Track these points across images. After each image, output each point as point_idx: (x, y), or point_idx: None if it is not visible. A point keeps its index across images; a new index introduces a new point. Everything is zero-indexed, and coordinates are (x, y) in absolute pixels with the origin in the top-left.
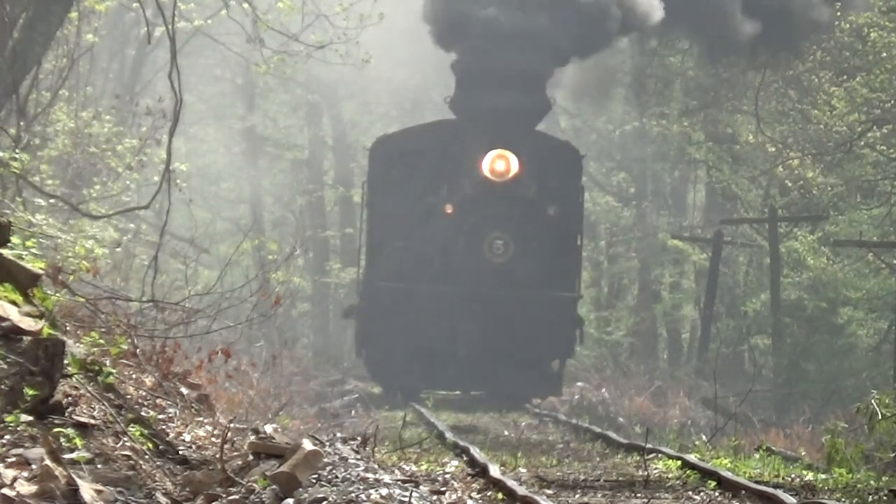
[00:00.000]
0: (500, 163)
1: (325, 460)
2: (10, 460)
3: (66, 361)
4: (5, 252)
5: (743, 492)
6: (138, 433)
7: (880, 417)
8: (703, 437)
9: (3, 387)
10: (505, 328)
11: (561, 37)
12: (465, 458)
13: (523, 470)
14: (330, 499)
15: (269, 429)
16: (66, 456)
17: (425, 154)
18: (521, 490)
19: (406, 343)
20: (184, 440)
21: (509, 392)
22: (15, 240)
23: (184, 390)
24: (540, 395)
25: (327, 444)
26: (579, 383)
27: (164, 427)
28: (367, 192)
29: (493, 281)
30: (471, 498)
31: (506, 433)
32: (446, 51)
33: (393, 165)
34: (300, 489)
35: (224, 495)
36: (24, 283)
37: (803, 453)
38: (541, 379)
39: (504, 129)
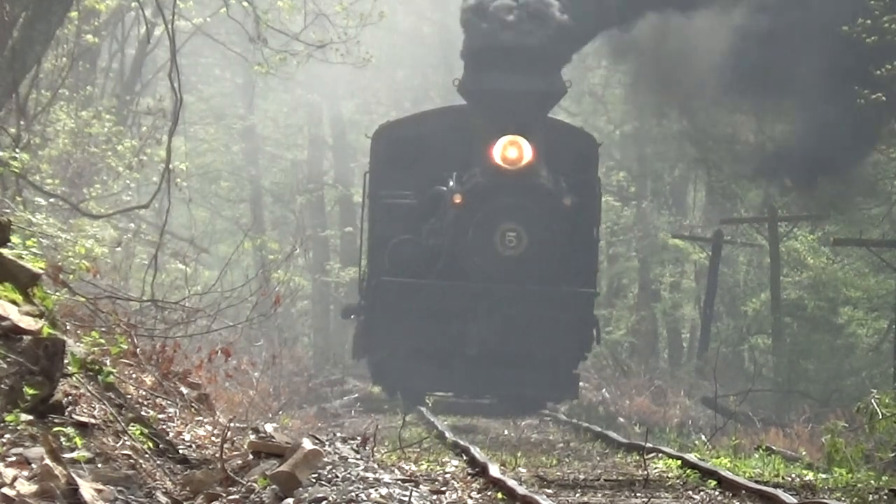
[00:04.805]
0: (512, 150)
1: (325, 460)
2: (10, 459)
3: (66, 361)
4: (5, 251)
5: (743, 491)
6: (138, 432)
7: (880, 417)
8: (703, 437)
9: (3, 386)
10: (518, 326)
11: (575, 16)
12: (464, 458)
13: (523, 469)
14: (330, 498)
15: (269, 428)
16: (66, 455)
17: (432, 141)
18: (521, 489)
19: (412, 343)
20: (184, 439)
21: (523, 396)
22: (15, 239)
23: (184, 390)
24: (556, 398)
25: (327, 443)
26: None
27: (164, 426)
28: (370, 183)
29: (506, 275)
30: (470, 497)
31: (506, 433)
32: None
33: (397, 154)
34: (300, 488)
35: (224, 494)
36: (24, 282)
37: (803, 453)
38: (557, 381)
39: (517, 113)
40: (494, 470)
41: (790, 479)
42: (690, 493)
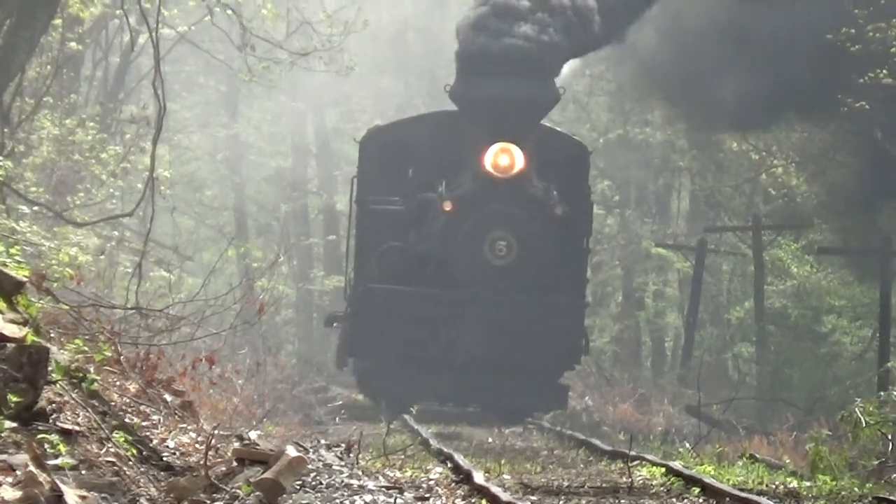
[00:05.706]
0: (503, 157)
1: (310, 467)
2: None
3: (49, 368)
4: None
5: (727, 499)
6: (122, 439)
7: (864, 425)
8: (687, 445)
9: None
10: (507, 335)
11: (565, 28)
12: (449, 465)
13: (507, 476)
14: None
15: (253, 435)
16: (51, 462)
17: (422, 147)
18: (506, 496)
19: (399, 351)
20: (168, 446)
21: (512, 405)
22: None
23: (168, 397)
24: (544, 409)
25: (311, 450)
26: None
27: (147, 433)
28: (357, 188)
29: (495, 284)
30: None
31: (490, 440)
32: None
33: (386, 158)
34: (284, 495)
35: (208, 501)
36: (7, 290)
37: (787, 461)
38: (545, 391)
39: (508, 120)
40: (479, 477)
41: (774, 486)
42: (674, 500)
